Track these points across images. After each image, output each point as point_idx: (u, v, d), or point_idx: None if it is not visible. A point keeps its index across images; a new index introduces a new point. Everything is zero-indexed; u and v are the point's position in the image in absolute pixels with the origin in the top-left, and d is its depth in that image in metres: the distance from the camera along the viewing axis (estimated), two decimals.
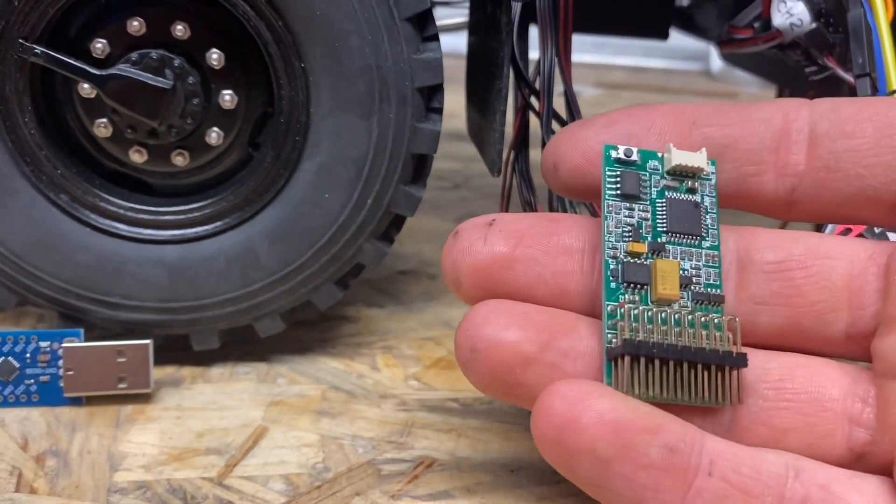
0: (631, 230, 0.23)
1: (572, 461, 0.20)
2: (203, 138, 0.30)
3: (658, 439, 0.20)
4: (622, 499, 0.20)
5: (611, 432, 0.20)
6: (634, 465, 0.20)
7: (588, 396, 0.20)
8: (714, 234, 0.24)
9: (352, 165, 0.29)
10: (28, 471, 0.27)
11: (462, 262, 0.23)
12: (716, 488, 0.20)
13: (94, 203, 0.30)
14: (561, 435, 0.20)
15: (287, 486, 0.26)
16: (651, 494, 0.20)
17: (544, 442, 0.21)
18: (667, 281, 0.23)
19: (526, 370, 0.22)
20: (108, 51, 0.29)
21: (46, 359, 0.30)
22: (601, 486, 0.20)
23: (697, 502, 0.20)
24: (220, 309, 0.31)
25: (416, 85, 0.29)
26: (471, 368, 0.23)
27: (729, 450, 0.21)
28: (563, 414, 0.20)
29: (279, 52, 0.28)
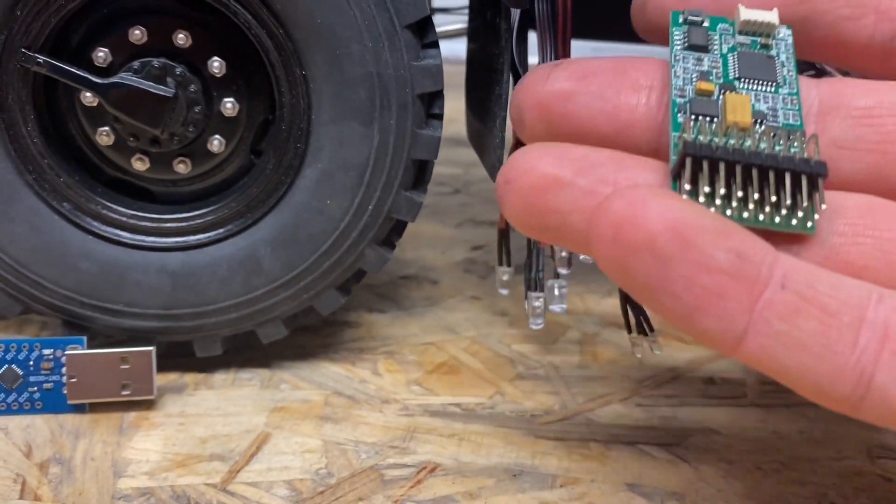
0: (700, 74, 0.23)
1: (629, 259, 0.18)
2: (205, 146, 0.30)
3: (725, 242, 0.18)
4: (681, 304, 0.19)
5: (672, 228, 0.18)
6: (697, 266, 0.18)
7: (650, 196, 0.19)
8: (792, 83, 0.22)
9: (353, 172, 0.30)
10: (32, 478, 0.27)
11: (525, 99, 0.23)
12: (789, 301, 0.18)
13: (97, 211, 0.30)
14: (618, 232, 0.18)
15: (290, 491, 0.26)
16: (714, 301, 0.18)
17: (601, 242, 0.19)
18: (737, 110, 0.21)
19: (558, 194, 0.21)
20: (109, 59, 0.29)
21: (50, 366, 0.30)
22: (660, 290, 0.19)
23: (766, 314, 0.18)
24: (223, 315, 0.31)
25: (416, 91, 0.29)
26: (505, 201, 0.22)
27: (805, 267, 0.19)
28: (621, 211, 0.18)
29: (280, 60, 0.28)
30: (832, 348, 0.18)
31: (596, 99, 0.23)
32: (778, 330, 0.18)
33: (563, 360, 0.36)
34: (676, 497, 0.27)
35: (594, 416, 0.31)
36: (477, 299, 0.41)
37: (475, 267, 0.45)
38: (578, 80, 0.23)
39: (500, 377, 0.34)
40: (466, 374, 0.34)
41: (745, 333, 0.19)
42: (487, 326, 0.38)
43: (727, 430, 0.31)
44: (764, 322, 0.18)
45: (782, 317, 0.18)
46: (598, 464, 0.29)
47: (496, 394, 0.33)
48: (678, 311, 0.19)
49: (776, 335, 0.18)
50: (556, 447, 0.29)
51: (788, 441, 0.30)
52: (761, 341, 0.18)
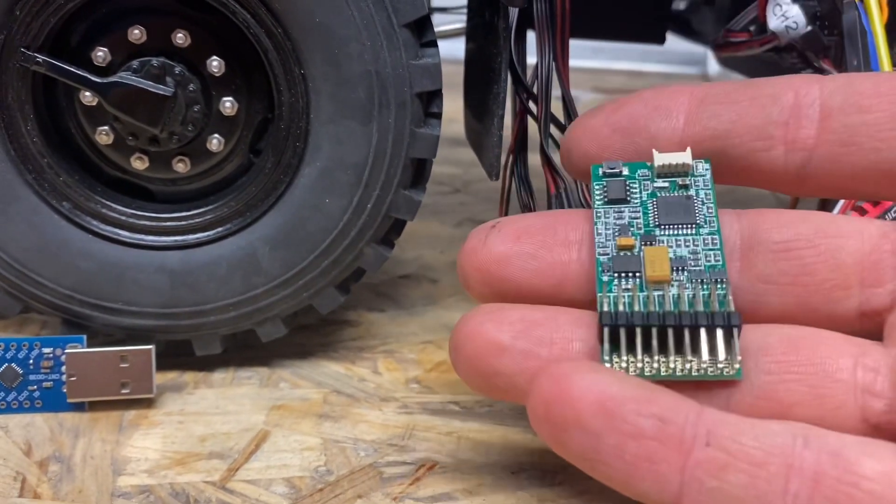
0: (620, 228, 0.24)
1: (562, 436, 0.20)
2: (204, 145, 0.30)
3: (647, 409, 0.20)
4: (617, 472, 0.20)
5: (596, 403, 0.20)
6: (624, 435, 0.20)
7: (574, 372, 0.20)
8: (712, 221, 0.24)
9: (352, 170, 0.30)
10: (32, 476, 0.27)
11: (467, 263, 0.25)
12: (715, 458, 0.19)
13: (97, 210, 0.30)
14: (549, 410, 0.20)
15: (289, 489, 0.27)
16: (645, 466, 0.20)
17: (535, 419, 0.21)
18: (655, 264, 0.23)
19: (500, 358, 0.23)
20: (109, 59, 0.29)
21: (49, 365, 0.30)
22: (595, 460, 0.20)
23: (697, 473, 0.19)
24: (222, 314, 0.31)
25: (414, 90, 0.29)
26: (456, 365, 0.24)
27: (728, 419, 0.20)
28: (549, 389, 0.20)
29: (279, 59, 0.28)
30: (764, 499, 0.19)
31: (530, 259, 0.24)
32: (710, 487, 0.19)
33: None
34: None
35: None
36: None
37: None
38: (513, 241, 0.24)
39: None
40: None
41: (680, 494, 0.20)
42: None
43: None
44: (696, 481, 0.19)
45: (712, 474, 0.19)
46: None
47: None
48: (615, 478, 0.20)
49: (709, 492, 0.19)
50: None
51: None
52: (696, 499, 0.19)
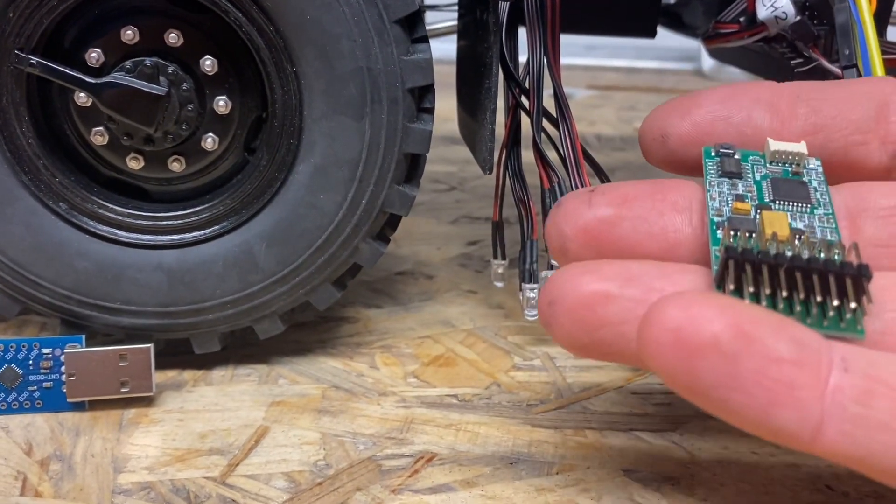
0: (736, 196, 0.23)
1: (694, 362, 0.18)
2: (199, 144, 0.31)
3: (785, 333, 0.19)
4: (755, 400, 0.18)
5: (733, 325, 0.18)
6: (764, 359, 0.18)
7: (704, 298, 0.19)
8: (827, 205, 0.23)
9: (346, 167, 0.30)
10: (33, 475, 0.27)
11: (568, 225, 0.24)
12: (857, 384, 0.19)
13: (93, 210, 0.31)
14: (679, 335, 0.18)
15: (289, 483, 0.27)
16: (787, 392, 0.18)
17: (660, 347, 0.19)
18: (775, 224, 0.22)
19: (608, 307, 0.21)
20: (102, 59, 0.29)
21: (49, 365, 0.30)
22: (731, 388, 0.18)
23: (839, 398, 0.18)
24: (220, 312, 0.31)
25: (406, 86, 0.29)
26: (553, 323, 0.22)
27: (858, 349, 0.19)
28: (677, 316, 0.18)
29: (271, 57, 0.29)
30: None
31: (642, 222, 0.23)
32: (854, 413, 0.18)
33: (558, 350, 0.36)
34: (672, 482, 0.27)
35: (590, 404, 0.32)
36: (473, 293, 0.41)
37: (471, 262, 0.45)
38: (620, 205, 0.24)
39: (496, 368, 0.34)
40: (463, 366, 0.34)
41: (821, 423, 0.18)
42: (483, 319, 0.39)
43: None
44: (838, 407, 0.18)
45: (855, 399, 0.18)
46: (594, 451, 0.29)
47: (492, 384, 0.33)
48: (752, 408, 0.19)
49: (854, 419, 0.18)
50: (552, 435, 0.30)
51: None
52: (840, 427, 0.18)
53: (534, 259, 0.35)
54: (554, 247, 0.24)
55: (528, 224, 0.35)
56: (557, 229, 0.24)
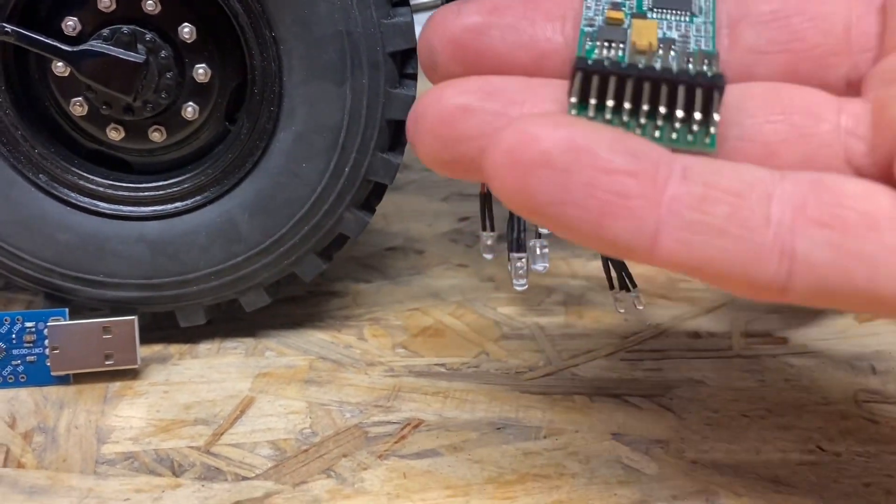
0: (611, 4, 0.22)
1: (527, 180, 0.18)
2: (179, 113, 0.30)
3: (620, 146, 0.18)
4: (588, 212, 0.18)
5: (565, 141, 0.18)
6: (595, 170, 0.18)
7: (540, 119, 0.19)
8: (709, 13, 0.23)
9: (327, 133, 0.30)
10: (16, 447, 0.27)
11: (435, 36, 0.23)
12: (694, 191, 0.18)
13: (74, 182, 0.30)
14: (512, 155, 0.18)
15: (274, 451, 0.27)
16: (619, 202, 0.18)
17: (497, 170, 0.19)
18: (642, 34, 0.21)
19: (468, 121, 0.20)
20: (79, 28, 0.29)
21: (32, 339, 0.30)
22: (563, 203, 0.18)
23: (675, 207, 0.18)
24: (204, 283, 0.31)
25: (387, 50, 0.29)
26: (416, 140, 0.21)
27: (703, 160, 0.19)
28: (513, 137, 0.18)
29: (249, 23, 0.28)
30: (747, 226, 0.18)
31: (511, 31, 0.22)
32: (690, 220, 0.18)
33: (548, 320, 0.36)
34: (661, 444, 0.27)
35: (579, 370, 0.31)
36: (463, 267, 0.41)
37: (462, 237, 0.45)
38: (489, 13, 0.23)
39: (485, 338, 0.34)
40: (451, 336, 0.34)
41: (657, 232, 0.18)
42: (473, 292, 0.38)
43: (712, 380, 0.31)
44: (674, 215, 0.18)
45: (691, 207, 0.18)
46: (583, 415, 0.29)
47: (481, 353, 0.33)
48: (586, 220, 0.18)
49: (689, 226, 0.18)
50: (540, 401, 0.29)
51: (774, 389, 0.30)
52: (676, 235, 0.18)
53: (521, 228, 0.34)
54: (424, 62, 0.23)
55: None
56: (427, 42, 0.23)
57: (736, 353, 0.33)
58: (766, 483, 0.25)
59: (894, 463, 0.26)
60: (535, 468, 0.26)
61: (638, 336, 0.34)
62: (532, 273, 0.35)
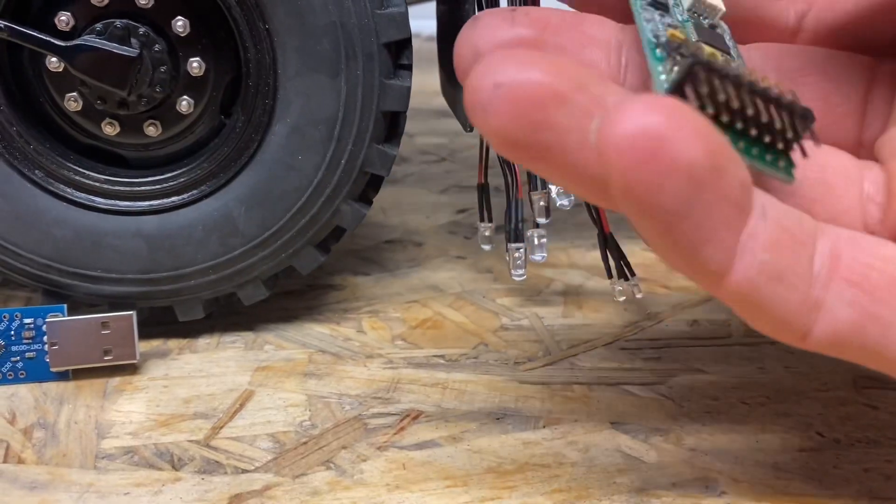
0: (668, 25, 0.22)
1: (662, 181, 0.17)
2: (174, 107, 0.30)
3: (739, 170, 0.18)
4: (697, 232, 0.18)
5: (710, 152, 0.17)
6: (721, 194, 0.17)
7: (683, 111, 0.17)
8: (741, 59, 0.23)
9: (323, 125, 0.29)
10: (16, 443, 0.27)
11: (482, 40, 0.22)
12: (770, 232, 0.19)
13: (70, 177, 0.30)
14: (655, 149, 0.17)
15: (274, 443, 0.27)
16: (722, 230, 0.18)
17: (626, 160, 0.17)
18: (716, 56, 0.21)
19: (559, 109, 0.18)
20: (72, 23, 0.29)
21: (31, 335, 0.30)
22: (683, 215, 0.17)
23: (750, 244, 0.18)
24: (202, 278, 0.31)
25: (381, 40, 0.29)
26: (493, 106, 0.18)
27: (775, 201, 0.19)
28: (657, 127, 0.17)
29: (243, 15, 0.28)
30: (800, 276, 0.19)
31: (561, 52, 0.23)
32: (762, 260, 0.18)
33: (547, 310, 0.36)
34: (660, 432, 0.27)
35: (578, 360, 0.31)
36: (461, 258, 0.41)
37: (460, 229, 0.45)
38: (542, 29, 0.23)
39: (484, 329, 0.34)
40: (450, 328, 0.34)
41: (731, 264, 0.18)
42: (472, 283, 0.38)
43: (712, 368, 0.31)
44: (749, 252, 0.18)
45: (765, 247, 0.19)
46: (582, 404, 0.29)
47: (480, 344, 0.33)
48: (691, 239, 0.18)
49: (760, 266, 0.19)
50: (539, 391, 0.29)
51: (774, 376, 0.30)
52: (746, 272, 0.19)
53: (519, 219, 0.34)
54: (463, 62, 0.22)
55: (512, 184, 0.34)
56: (471, 45, 0.22)
57: (735, 340, 0.33)
58: (765, 470, 0.25)
59: (894, 448, 0.26)
60: (534, 458, 0.26)
61: (637, 325, 0.34)
62: (530, 263, 0.35)
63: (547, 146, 0.19)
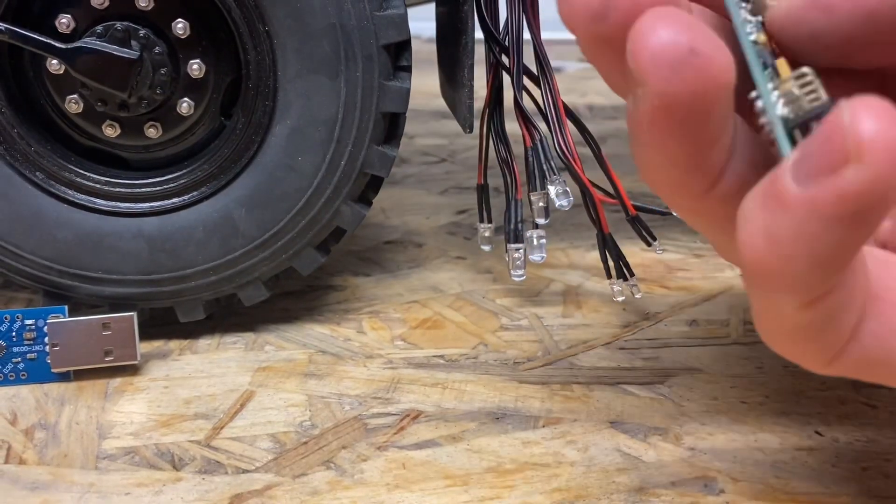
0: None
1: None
2: (174, 109, 0.30)
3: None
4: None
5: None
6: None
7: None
8: None
9: (323, 127, 0.30)
10: (17, 444, 0.27)
11: None
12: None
13: (71, 179, 0.30)
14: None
15: (274, 444, 0.27)
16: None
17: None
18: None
19: None
20: (73, 25, 0.29)
21: (32, 336, 0.30)
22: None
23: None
24: (203, 279, 0.31)
25: (381, 42, 0.29)
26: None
27: None
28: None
29: (243, 17, 0.28)
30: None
31: None
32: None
33: (546, 310, 0.36)
34: (659, 432, 0.27)
35: (577, 360, 0.32)
36: (461, 259, 0.41)
37: (460, 230, 0.45)
38: None
39: (484, 329, 0.34)
40: (450, 328, 0.34)
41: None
42: (471, 283, 0.38)
43: (711, 368, 0.31)
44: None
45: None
46: (581, 404, 0.29)
47: (479, 344, 0.33)
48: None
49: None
50: (538, 391, 0.29)
51: (773, 375, 0.30)
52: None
53: (519, 219, 0.34)
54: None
55: (512, 184, 0.34)
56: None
57: (734, 340, 0.33)
58: (764, 468, 0.25)
59: (892, 447, 0.26)
60: (533, 457, 0.26)
61: (636, 325, 0.34)
62: (530, 264, 0.35)
63: None
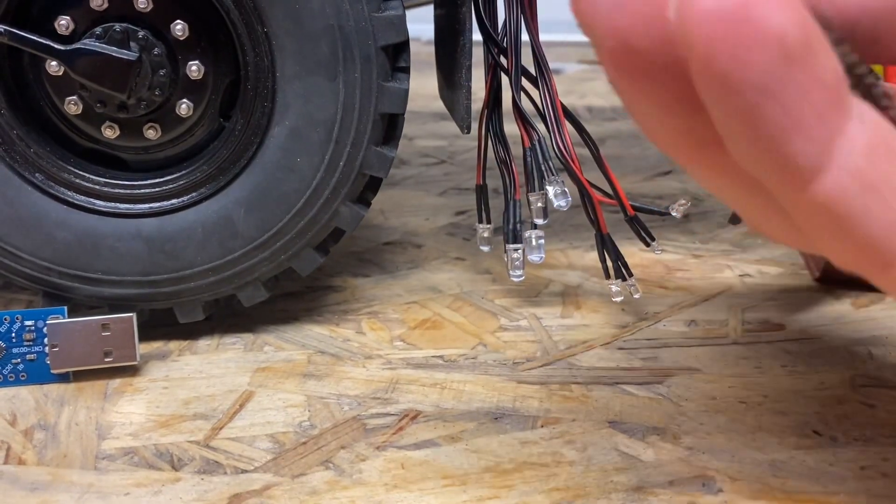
0: None
1: (749, 53, 0.15)
2: (173, 110, 0.30)
3: (831, 59, 0.16)
4: (785, 117, 0.16)
5: (801, 26, 0.15)
6: (813, 76, 0.16)
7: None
8: None
9: (321, 128, 0.30)
10: (16, 444, 0.27)
11: None
12: (868, 137, 0.17)
13: (70, 180, 0.30)
14: (744, 18, 0.15)
15: (273, 444, 0.27)
16: (813, 122, 0.16)
17: (721, 22, 0.15)
18: None
19: None
20: (72, 27, 0.29)
21: (31, 337, 0.30)
22: (770, 94, 0.16)
23: (847, 147, 0.17)
24: (202, 279, 0.31)
25: (379, 43, 0.29)
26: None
27: (871, 109, 0.18)
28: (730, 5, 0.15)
29: (241, 19, 0.28)
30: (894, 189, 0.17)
31: None
32: (857, 167, 0.17)
33: (545, 311, 0.36)
34: (657, 431, 0.27)
35: (576, 360, 0.32)
36: (461, 260, 0.41)
37: (459, 231, 0.45)
38: None
39: (483, 329, 0.34)
40: (449, 329, 0.34)
41: (824, 166, 0.17)
42: (470, 284, 0.38)
43: (709, 368, 0.31)
44: (845, 156, 0.17)
45: (863, 153, 0.17)
46: (580, 404, 0.29)
47: (478, 345, 0.33)
48: (777, 124, 0.16)
49: (854, 172, 0.17)
50: (537, 391, 0.29)
51: (771, 375, 0.30)
52: (839, 177, 0.17)
53: (517, 219, 0.34)
54: None
55: (510, 185, 0.35)
56: None
57: (733, 340, 0.33)
58: (762, 468, 0.25)
59: (891, 447, 0.26)
60: (532, 457, 0.26)
61: (635, 325, 0.34)
62: (529, 264, 0.35)
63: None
